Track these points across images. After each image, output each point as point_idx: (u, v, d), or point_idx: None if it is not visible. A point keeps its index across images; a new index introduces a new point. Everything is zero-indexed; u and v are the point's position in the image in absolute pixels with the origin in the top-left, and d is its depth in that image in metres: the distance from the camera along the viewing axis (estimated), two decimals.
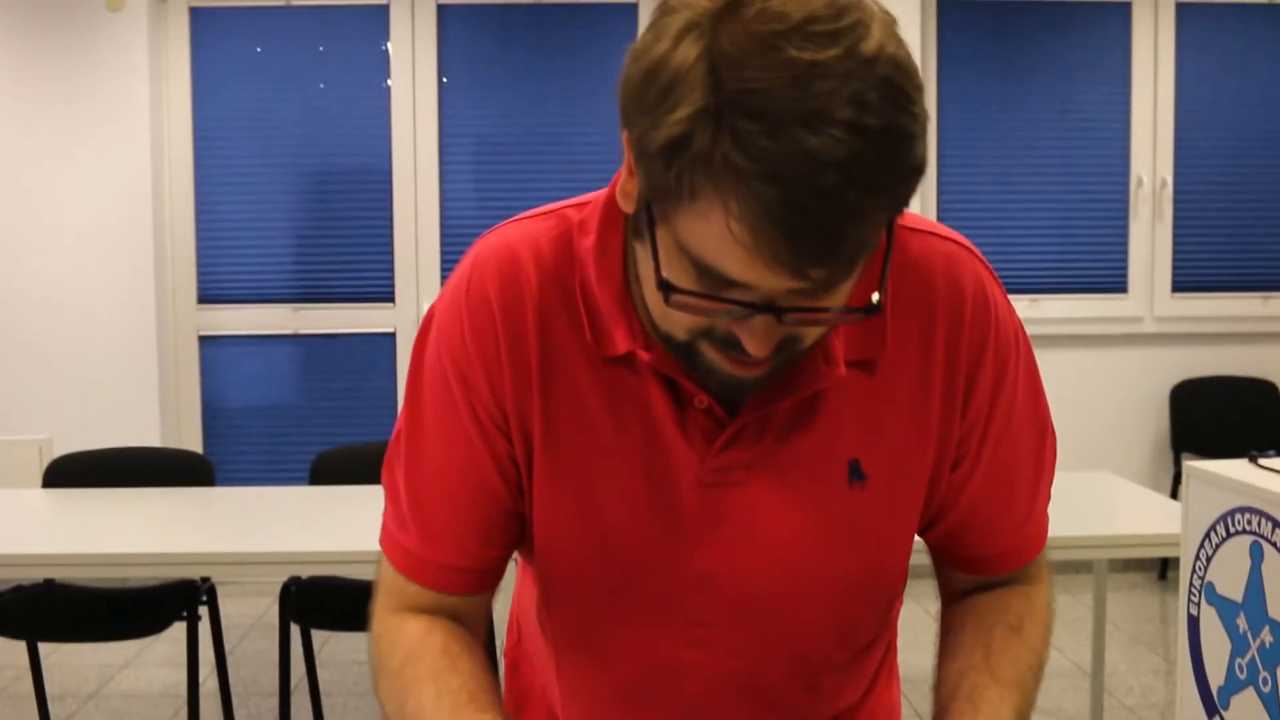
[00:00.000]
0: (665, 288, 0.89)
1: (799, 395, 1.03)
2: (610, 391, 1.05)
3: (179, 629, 3.49)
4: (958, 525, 1.16)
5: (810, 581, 1.10)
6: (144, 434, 5.10)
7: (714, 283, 0.88)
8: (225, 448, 5.38)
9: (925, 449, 1.09)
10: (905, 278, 1.05)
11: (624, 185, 0.95)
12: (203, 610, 3.56)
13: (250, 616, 4.75)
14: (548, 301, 1.05)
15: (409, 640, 1.09)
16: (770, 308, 0.88)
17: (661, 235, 0.90)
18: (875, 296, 0.91)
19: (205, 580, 3.59)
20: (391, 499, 1.13)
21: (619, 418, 1.05)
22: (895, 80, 0.83)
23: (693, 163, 0.83)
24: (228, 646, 3.85)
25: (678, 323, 0.94)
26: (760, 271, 0.85)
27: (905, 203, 0.88)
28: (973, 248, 1.11)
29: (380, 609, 1.14)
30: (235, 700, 3.88)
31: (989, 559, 1.19)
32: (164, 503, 3.62)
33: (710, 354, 0.95)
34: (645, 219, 0.91)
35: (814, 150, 0.80)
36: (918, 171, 0.86)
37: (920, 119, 0.85)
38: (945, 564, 1.21)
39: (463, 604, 1.13)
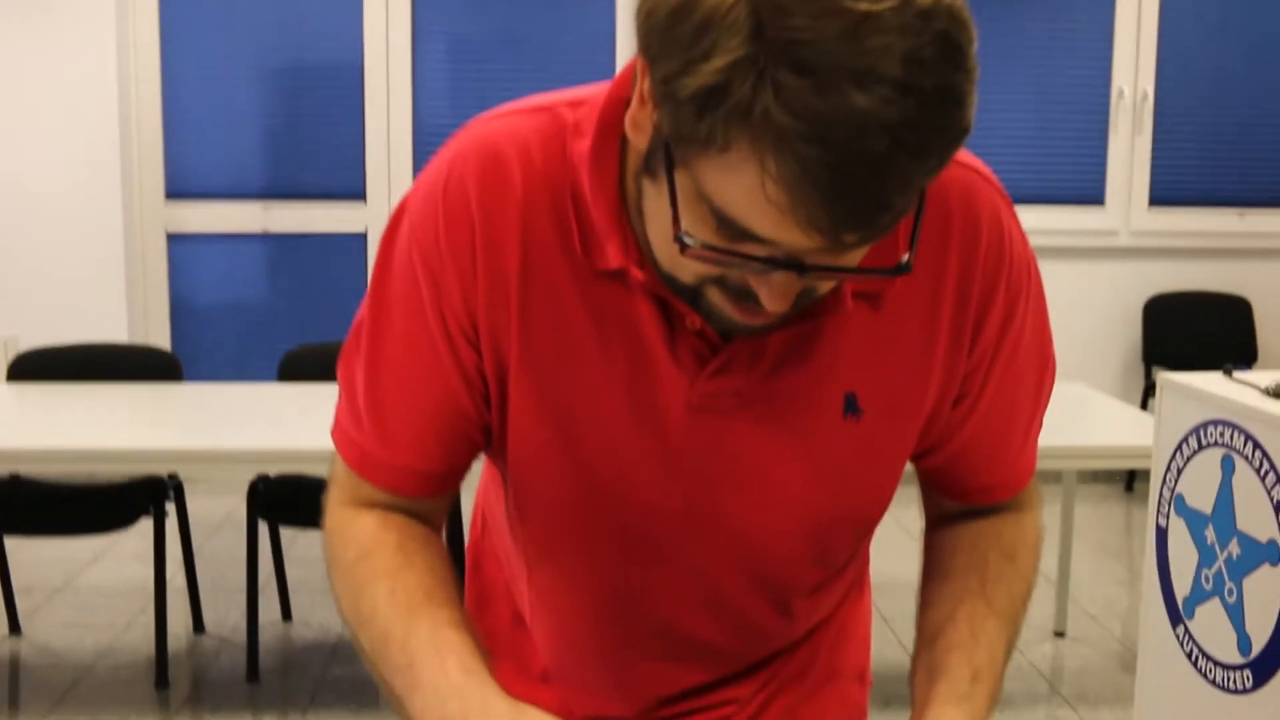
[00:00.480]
0: (683, 240, 0.84)
1: (798, 325, 0.98)
2: (596, 306, 0.99)
3: (148, 525, 3.48)
4: (952, 458, 1.13)
5: (794, 513, 1.07)
6: (111, 331, 5.05)
7: (735, 235, 0.82)
8: (194, 345, 5.33)
9: (927, 384, 1.05)
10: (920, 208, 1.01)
11: (635, 115, 0.88)
12: (170, 507, 3.55)
13: (219, 514, 4.74)
14: (533, 207, 0.98)
15: (362, 536, 1.06)
16: (794, 265, 0.83)
17: (680, 179, 0.84)
18: (905, 257, 0.87)
19: (173, 477, 3.57)
20: (347, 394, 1.08)
21: (604, 334, 1.00)
22: (951, 35, 0.77)
23: (728, 115, 0.76)
24: (196, 543, 3.84)
25: (686, 268, 0.89)
26: (791, 232, 0.79)
27: (949, 162, 0.82)
28: (990, 176, 1.05)
29: (334, 502, 1.10)
30: (203, 596, 3.89)
31: (981, 490, 1.16)
32: (131, 398, 3.59)
33: (717, 300, 0.90)
34: (663, 160, 0.85)
35: (863, 111, 0.74)
36: (966, 133, 0.81)
37: (973, 75, 0.79)
38: (934, 491, 1.19)
39: (421, 503, 1.09)
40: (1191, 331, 5.53)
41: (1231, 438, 2.23)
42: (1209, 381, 2.39)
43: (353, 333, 1.07)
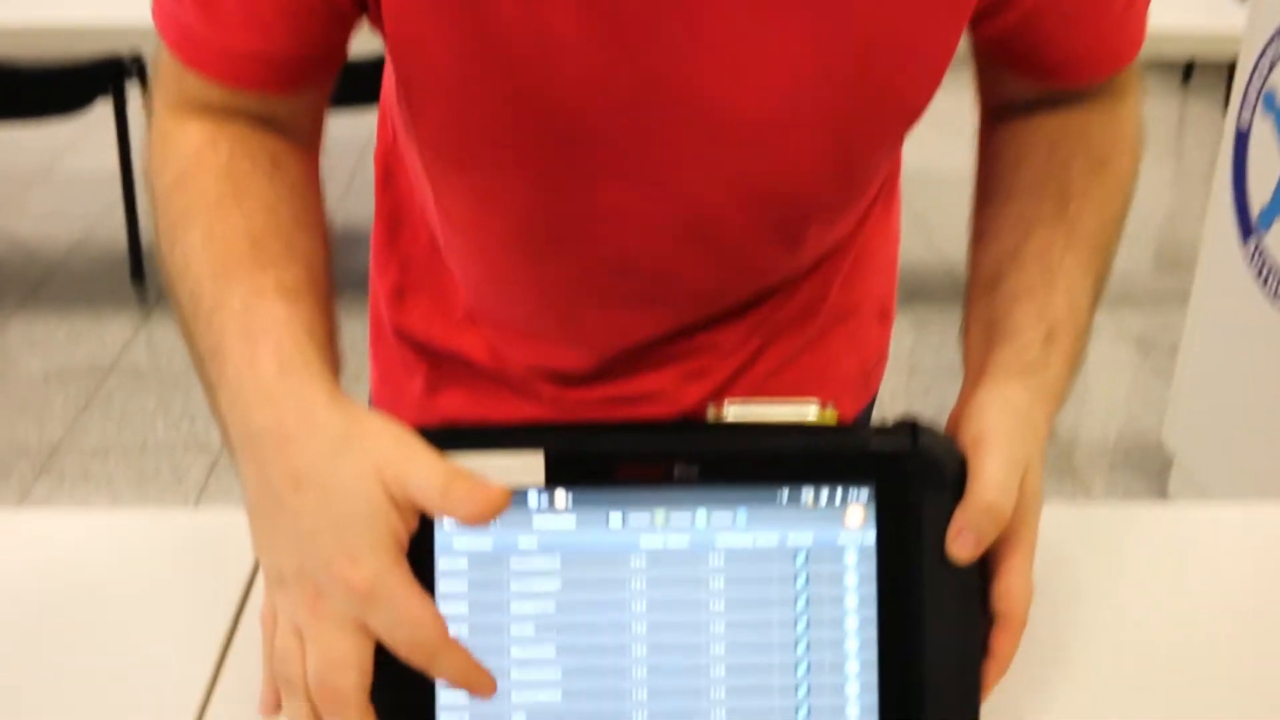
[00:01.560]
0: None
1: None
2: None
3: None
4: (1029, 15, 0.78)
5: (808, 102, 0.74)
6: None
7: None
8: None
9: None
10: None
11: None
12: (135, 89, 3.26)
13: None
14: None
15: (186, 152, 0.74)
16: None
17: None
18: None
19: (136, 58, 3.26)
20: None
21: None
22: None
23: None
24: None
25: None
26: None
27: None
28: None
29: (159, 105, 0.78)
30: None
31: (1068, 64, 0.81)
32: None
33: None
34: None
35: None
36: None
37: None
38: (999, 69, 0.85)
39: (273, 103, 0.76)
40: None
41: None
42: None
43: None
